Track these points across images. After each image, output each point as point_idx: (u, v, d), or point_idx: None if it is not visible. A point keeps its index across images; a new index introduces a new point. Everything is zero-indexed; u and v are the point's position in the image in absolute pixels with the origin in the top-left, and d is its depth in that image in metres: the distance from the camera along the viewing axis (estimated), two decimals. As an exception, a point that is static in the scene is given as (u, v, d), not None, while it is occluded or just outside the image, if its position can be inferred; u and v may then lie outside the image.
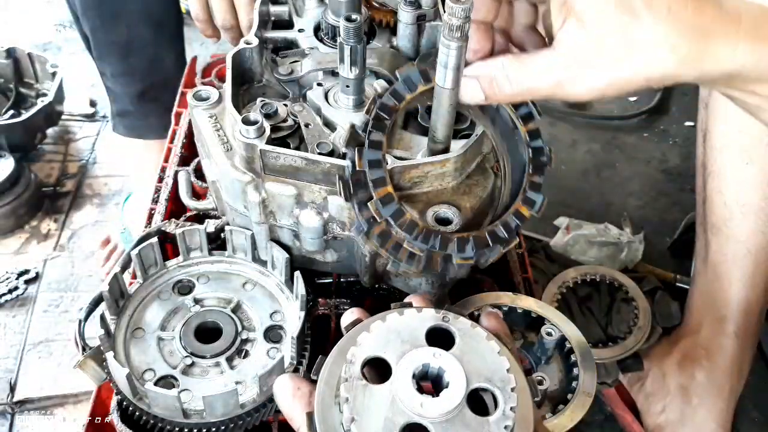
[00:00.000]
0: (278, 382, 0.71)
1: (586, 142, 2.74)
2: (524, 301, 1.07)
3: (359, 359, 0.63)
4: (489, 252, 0.91)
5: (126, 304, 1.03)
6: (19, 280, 1.98)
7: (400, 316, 0.66)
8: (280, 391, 0.70)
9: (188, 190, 1.31)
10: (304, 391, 0.68)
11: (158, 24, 1.80)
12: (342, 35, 0.93)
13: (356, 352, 0.63)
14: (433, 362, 0.62)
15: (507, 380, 0.62)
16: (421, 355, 0.63)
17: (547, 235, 2.14)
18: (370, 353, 0.63)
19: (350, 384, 0.61)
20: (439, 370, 0.63)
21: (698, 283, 1.69)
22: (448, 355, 0.63)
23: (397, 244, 0.89)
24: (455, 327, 0.66)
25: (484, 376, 0.62)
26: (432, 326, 0.66)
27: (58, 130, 2.54)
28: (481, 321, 0.76)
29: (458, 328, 0.66)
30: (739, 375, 1.63)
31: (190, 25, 1.83)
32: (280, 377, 0.71)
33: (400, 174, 0.90)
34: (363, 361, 0.63)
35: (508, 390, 0.62)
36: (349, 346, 0.65)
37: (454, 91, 0.83)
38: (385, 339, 0.64)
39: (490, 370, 0.63)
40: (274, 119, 1.02)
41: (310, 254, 1.06)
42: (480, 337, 0.66)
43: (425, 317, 0.67)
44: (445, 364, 0.62)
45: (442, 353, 0.63)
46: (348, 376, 0.62)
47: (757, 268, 1.57)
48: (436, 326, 0.67)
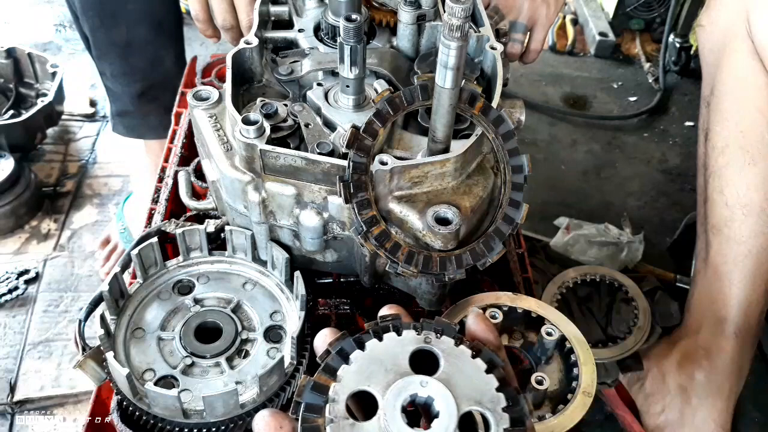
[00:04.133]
0: (258, 418, 0.64)
1: (586, 142, 2.74)
2: (524, 301, 1.07)
3: (342, 396, 0.59)
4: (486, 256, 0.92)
5: (126, 304, 1.03)
6: (19, 280, 1.98)
7: (380, 342, 0.63)
8: (261, 429, 0.64)
9: (188, 190, 1.31)
10: (287, 429, 0.63)
11: (158, 24, 1.80)
12: (342, 35, 0.93)
13: (338, 389, 0.60)
14: (421, 392, 0.60)
15: (497, 400, 0.60)
16: (408, 385, 0.60)
17: (547, 235, 2.14)
18: (354, 387, 0.60)
19: (336, 425, 0.58)
20: (427, 399, 0.60)
21: (698, 283, 1.69)
22: (435, 382, 0.60)
23: (396, 245, 0.89)
24: (438, 348, 0.64)
25: (474, 399, 0.60)
26: (415, 349, 0.63)
27: (58, 130, 2.54)
28: (469, 324, 0.74)
29: (442, 349, 0.64)
30: (739, 375, 1.63)
31: (190, 25, 1.83)
32: (261, 413, 0.64)
33: (400, 174, 0.90)
34: (347, 397, 0.60)
35: (499, 410, 0.60)
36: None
37: (454, 91, 0.83)
38: (368, 370, 0.61)
39: (479, 392, 0.61)
40: (274, 119, 1.02)
41: (310, 254, 1.06)
42: (465, 356, 0.63)
43: (406, 340, 0.64)
44: (434, 392, 0.59)
45: (429, 381, 0.60)
46: (333, 416, 0.58)
47: (757, 269, 1.57)
48: (419, 348, 0.64)
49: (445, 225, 0.90)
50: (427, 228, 0.89)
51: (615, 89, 3.10)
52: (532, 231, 2.17)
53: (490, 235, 0.93)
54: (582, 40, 3.36)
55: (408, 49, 1.16)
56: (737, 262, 1.58)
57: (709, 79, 1.64)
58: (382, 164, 0.89)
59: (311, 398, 0.61)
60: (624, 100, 3.03)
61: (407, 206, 0.91)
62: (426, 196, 0.93)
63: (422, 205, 0.92)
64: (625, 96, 3.06)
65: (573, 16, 3.44)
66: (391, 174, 0.89)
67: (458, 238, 0.91)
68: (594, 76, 3.18)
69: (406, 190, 0.92)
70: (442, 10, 1.14)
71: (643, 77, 3.17)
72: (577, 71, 3.20)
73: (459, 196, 0.94)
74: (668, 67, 3.10)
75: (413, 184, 0.92)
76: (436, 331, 0.65)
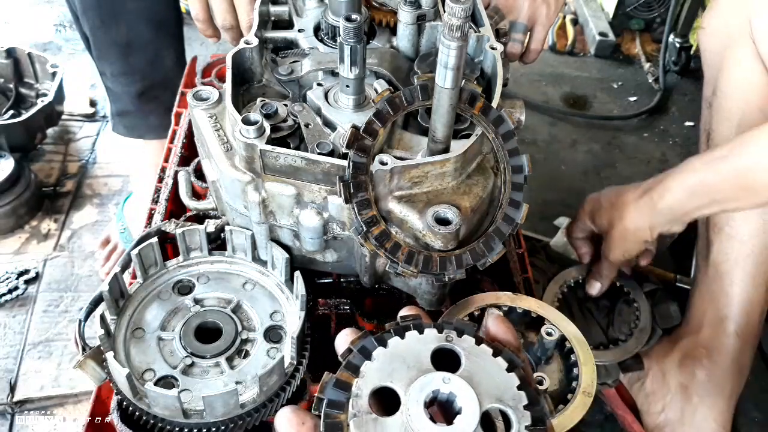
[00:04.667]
0: (280, 415, 0.64)
1: (586, 142, 2.74)
2: (524, 301, 1.07)
3: (366, 391, 0.60)
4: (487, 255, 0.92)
5: (126, 304, 1.03)
6: (19, 280, 1.98)
7: (402, 340, 0.64)
8: (283, 426, 0.64)
9: (188, 190, 1.31)
10: (309, 425, 0.63)
11: (158, 24, 1.80)
12: (342, 35, 0.93)
13: (361, 384, 0.60)
14: (443, 388, 0.60)
15: (518, 398, 0.60)
16: (431, 381, 0.60)
17: (547, 235, 2.14)
18: (377, 383, 0.61)
19: (360, 419, 0.58)
20: (449, 395, 0.61)
21: (699, 282, 1.69)
22: (457, 378, 0.60)
23: (396, 245, 0.89)
24: (460, 346, 0.64)
25: (495, 396, 0.60)
26: (436, 347, 0.64)
27: (58, 130, 2.54)
28: (488, 326, 0.74)
29: (463, 348, 0.64)
30: (739, 374, 1.63)
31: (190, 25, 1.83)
32: (283, 410, 0.65)
33: (400, 174, 0.90)
34: (370, 392, 0.60)
35: (521, 408, 0.60)
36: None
37: (454, 91, 0.83)
38: (390, 367, 0.62)
39: (500, 389, 0.61)
40: (274, 119, 1.02)
41: (310, 254, 1.06)
42: (486, 355, 0.64)
43: (428, 339, 0.65)
44: (456, 388, 0.60)
45: (451, 378, 0.60)
46: (356, 411, 0.59)
47: (758, 268, 1.57)
48: (441, 347, 0.64)
49: (445, 225, 0.90)
50: (427, 228, 0.89)
51: (615, 89, 3.10)
52: (532, 231, 2.17)
53: (490, 235, 0.93)
54: (582, 40, 3.36)
55: (408, 49, 1.16)
56: (738, 262, 1.58)
57: (711, 80, 1.64)
58: (382, 164, 0.89)
59: (334, 394, 0.61)
60: (624, 100, 3.03)
61: (407, 206, 0.91)
62: (426, 196, 0.93)
63: (422, 205, 0.92)
64: (625, 96, 3.06)
65: (573, 16, 3.44)
66: (391, 174, 0.89)
67: (458, 238, 0.91)
68: (594, 76, 3.18)
69: (406, 190, 0.92)
70: (442, 10, 1.14)
71: (643, 77, 3.17)
72: (577, 71, 3.20)
73: (459, 196, 0.94)
74: (668, 67, 3.10)
75: (413, 184, 0.92)
76: (457, 331, 0.66)
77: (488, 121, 0.93)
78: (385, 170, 0.88)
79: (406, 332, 0.65)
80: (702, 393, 1.61)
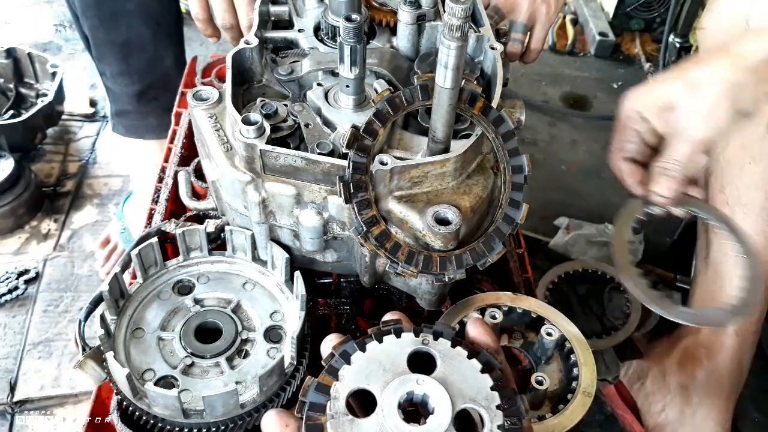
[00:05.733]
0: (266, 418, 0.68)
1: (586, 142, 2.74)
2: (524, 301, 1.07)
3: (343, 394, 0.63)
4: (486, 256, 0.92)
5: (126, 304, 1.03)
6: (19, 280, 1.98)
7: (380, 344, 0.67)
8: (269, 429, 0.67)
9: (188, 190, 1.31)
10: (292, 428, 0.66)
11: (157, 23, 1.80)
12: (342, 35, 0.93)
13: (339, 387, 0.63)
14: (417, 389, 0.63)
15: (491, 398, 0.63)
16: (405, 383, 0.63)
17: (547, 235, 2.14)
18: (354, 386, 0.63)
19: (336, 421, 0.61)
20: (423, 397, 0.63)
21: (699, 282, 1.69)
22: (431, 380, 0.63)
23: (396, 245, 0.89)
24: (436, 349, 0.67)
25: (468, 397, 0.63)
26: (413, 351, 0.67)
27: (58, 130, 2.54)
28: (468, 329, 0.76)
29: (439, 350, 0.67)
30: (739, 374, 1.63)
31: (190, 25, 1.83)
32: (269, 412, 0.68)
33: (400, 174, 0.90)
34: (347, 395, 0.63)
35: (493, 408, 0.62)
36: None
37: (454, 91, 0.83)
38: (367, 369, 0.65)
39: (474, 390, 0.63)
40: (274, 119, 1.02)
41: (310, 254, 1.06)
42: (461, 357, 0.66)
43: (405, 342, 0.67)
44: (429, 389, 0.63)
45: (425, 379, 0.63)
46: (333, 413, 0.61)
47: (758, 268, 1.57)
48: (417, 350, 0.67)
49: (445, 225, 0.90)
50: (427, 228, 0.89)
51: (615, 89, 3.10)
52: (532, 231, 2.17)
53: (490, 235, 0.93)
54: (582, 40, 3.36)
55: (408, 49, 1.16)
56: (738, 261, 1.58)
57: None
58: (382, 164, 0.89)
59: (315, 397, 0.64)
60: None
61: (407, 206, 0.91)
62: (426, 196, 0.93)
63: (422, 205, 0.92)
64: (625, 96, 3.05)
65: (573, 16, 3.44)
66: (391, 174, 0.89)
67: (458, 238, 0.91)
68: (594, 76, 3.18)
69: (406, 190, 0.92)
70: (442, 10, 1.14)
71: (643, 77, 3.17)
72: (577, 71, 3.20)
73: (459, 196, 0.94)
74: (668, 67, 3.10)
75: (413, 184, 0.92)
76: (434, 334, 0.68)
77: (488, 121, 0.93)
78: (385, 170, 0.88)
79: (385, 336, 0.67)
80: (702, 393, 1.61)
